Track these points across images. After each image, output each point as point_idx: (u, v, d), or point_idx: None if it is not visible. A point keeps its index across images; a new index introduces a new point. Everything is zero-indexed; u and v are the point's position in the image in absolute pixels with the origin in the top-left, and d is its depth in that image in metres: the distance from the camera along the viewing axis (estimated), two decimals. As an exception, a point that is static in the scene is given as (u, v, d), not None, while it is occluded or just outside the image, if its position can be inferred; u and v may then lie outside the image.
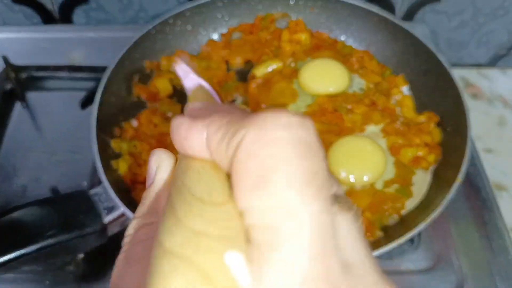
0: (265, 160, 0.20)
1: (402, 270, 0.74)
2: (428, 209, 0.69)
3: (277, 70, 0.92)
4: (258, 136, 0.20)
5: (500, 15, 1.07)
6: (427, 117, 0.84)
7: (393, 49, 0.93)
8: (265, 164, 0.20)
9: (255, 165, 0.20)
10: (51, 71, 0.96)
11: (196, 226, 0.20)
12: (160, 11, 1.08)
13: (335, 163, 0.78)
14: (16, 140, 0.88)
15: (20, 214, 0.70)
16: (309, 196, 0.20)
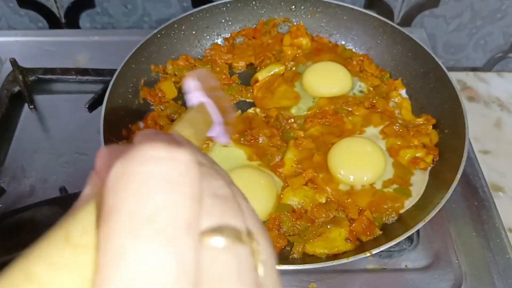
0: (116, 194, 0.20)
1: (401, 268, 0.75)
2: (427, 209, 0.71)
3: (279, 73, 0.94)
4: (120, 169, 0.20)
5: (497, 18, 1.09)
6: (425, 119, 0.86)
7: (392, 53, 0.95)
8: (115, 199, 0.19)
9: (109, 198, 0.20)
10: (58, 74, 0.97)
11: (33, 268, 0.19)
12: (164, 16, 1.10)
13: (335, 164, 0.79)
14: (24, 142, 0.90)
15: (30, 213, 0.72)
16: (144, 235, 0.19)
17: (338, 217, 0.75)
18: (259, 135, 0.83)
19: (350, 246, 0.73)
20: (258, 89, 0.91)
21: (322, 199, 0.77)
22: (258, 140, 0.83)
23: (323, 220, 0.75)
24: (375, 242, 0.72)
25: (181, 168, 0.20)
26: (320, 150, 0.82)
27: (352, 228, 0.74)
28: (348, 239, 0.73)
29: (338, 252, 0.72)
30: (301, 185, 0.78)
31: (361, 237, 0.74)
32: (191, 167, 0.21)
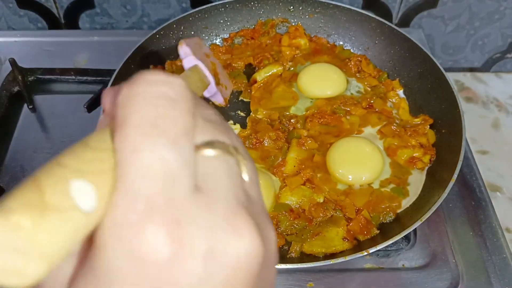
0: (126, 109, 0.23)
1: (399, 267, 0.75)
2: (423, 208, 0.71)
3: (277, 74, 0.94)
4: (125, 91, 0.24)
5: (495, 19, 1.09)
6: (422, 119, 0.87)
7: (389, 53, 0.96)
8: (125, 112, 0.23)
9: (120, 113, 0.23)
10: (57, 74, 0.97)
11: (63, 160, 0.22)
12: (163, 16, 1.10)
13: (334, 164, 0.80)
14: (23, 142, 0.90)
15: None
16: (153, 136, 0.22)
17: (336, 217, 0.75)
18: (264, 138, 0.83)
19: (347, 246, 0.73)
20: (256, 89, 0.91)
21: (320, 198, 0.77)
22: (263, 143, 0.83)
23: (320, 220, 0.75)
24: (372, 241, 0.73)
25: (178, 89, 0.24)
26: (318, 150, 0.82)
27: (350, 227, 0.74)
28: (345, 239, 0.73)
29: (336, 251, 0.72)
30: (299, 184, 0.78)
31: (358, 237, 0.74)
32: (186, 89, 0.25)
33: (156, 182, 0.22)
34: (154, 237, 0.21)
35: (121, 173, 0.22)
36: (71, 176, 0.22)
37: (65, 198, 0.21)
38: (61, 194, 0.21)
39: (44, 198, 0.21)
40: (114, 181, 0.23)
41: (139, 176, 0.22)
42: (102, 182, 0.23)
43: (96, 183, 0.22)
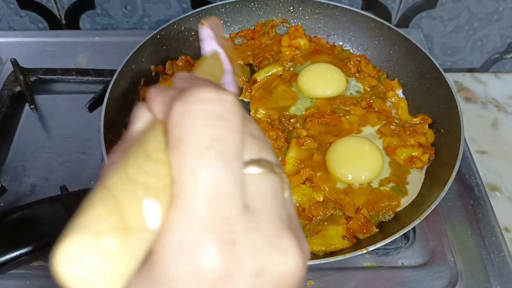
0: (181, 128, 0.24)
1: (398, 266, 0.76)
2: (422, 207, 0.72)
3: (277, 74, 0.95)
4: (180, 108, 0.25)
5: (494, 20, 1.10)
6: (421, 118, 0.87)
7: (389, 54, 0.96)
8: (180, 132, 0.24)
9: (175, 131, 0.24)
10: (59, 74, 0.98)
11: (133, 174, 0.24)
12: (164, 17, 1.11)
13: (334, 163, 0.80)
14: (25, 141, 0.90)
15: (31, 211, 0.73)
16: (208, 157, 0.24)
17: (335, 215, 0.76)
18: None
19: (347, 244, 0.73)
20: (256, 89, 0.92)
21: (320, 197, 0.77)
22: None
23: (320, 218, 0.75)
24: (371, 239, 0.73)
25: (229, 107, 0.25)
26: (318, 149, 0.83)
27: (349, 226, 0.75)
28: (345, 237, 0.74)
29: (335, 249, 0.73)
30: (299, 183, 0.78)
31: (358, 235, 0.75)
32: (237, 106, 0.26)
33: (212, 203, 0.23)
34: (211, 255, 0.23)
35: (179, 192, 0.24)
36: (142, 194, 0.24)
37: (140, 218, 0.23)
38: (138, 215, 0.23)
39: (124, 219, 0.22)
40: (171, 197, 0.24)
41: (196, 196, 0.23)
42: (164, 199, 0.24)
43: (161, 201, 0.24)
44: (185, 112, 0.25)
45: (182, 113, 0.25)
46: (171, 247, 0.23)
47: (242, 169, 0.25)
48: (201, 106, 0.25)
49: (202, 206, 0.23)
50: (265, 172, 0.27)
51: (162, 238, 0.24)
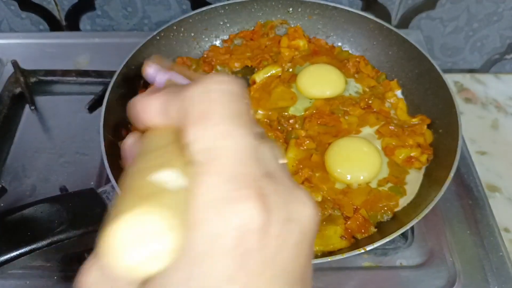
0: (205, 103, 0.27)
1: (396, 265, 0.76)
2: (420, 207, 0.72)
3: (276, 75, 0.95)
4: (199, 89, 0.27)
5: (494, 21, 1.10)
6: (420, 119, 0.87)
7: (388, 54, 0.96)
8: (205, 106, 0.27)
9: (197, 107, 0.27)
10: (59, 76, 0.98)
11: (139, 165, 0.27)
12: (164, 18, 1.11)
13: (332, 163, 0.81)
14: (25, 142, 0.91)
15: (31, 211, 0.73)
16: (237, 125, 0.26)
17: (334, 215, 0.76)
18: None
19: (345, 244, 0.74)
20: (255, 90, 0.92)
21: (318, 197, 0.78)
22: None
23: (318, 218, 0.75)
24: (370, 239, 0.73)
25: (241, 87, 0.28)
26: (317, 150, 0.83)
27: (347, 225, 0.75)
28: (343, 237, 0.74)
29: (334, 249, 0.73)
30: (298, 184, 0.78)
31: (356, 235, 0.75)
32: (243, 87, 0.29)
33: (245, 164, 0.26)
34: (250, 207, 0.25)
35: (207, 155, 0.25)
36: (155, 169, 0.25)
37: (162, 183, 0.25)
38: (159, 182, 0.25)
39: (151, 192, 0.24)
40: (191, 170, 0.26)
41: (226, 158, 0.25)
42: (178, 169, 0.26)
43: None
44: (205, 91, 0.27)
45: (202, 91, 0.27)
46: (211, 206, 0.25)
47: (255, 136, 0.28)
48: (219, 86, 0.27)
49: (234, 167, 0.25)
50: (265, 142, 0.29)
51: (198, 201, 0.25)
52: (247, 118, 0.27)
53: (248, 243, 0.25)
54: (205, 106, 0.27)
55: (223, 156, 0.25)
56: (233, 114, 0.27)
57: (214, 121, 0.26)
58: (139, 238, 0.22)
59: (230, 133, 0.26)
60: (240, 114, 0.27)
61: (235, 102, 0.27)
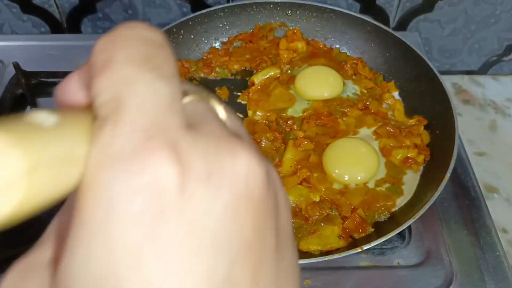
0: (109, 50, 0.22)
1: (393, 265, 0.77)
2: (417, 207, 0.73)
3: (275, 76, 0.96)
4: (105, 37, 0.22)
5: (491, 23, 1.11)
6: (417, 120, 0.88)
7: (385, 56, 0.97)
8: (109, 52, 0.22)
9: (100, 56, 0.22)
10: (60, 78, 0.98)
11: None
12: (164, 21, 1.12)
13: (330, 164, 0.81)
14: (27, 143, 0.91)
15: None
16: (146, 69, 0.21)
17: (332, 215, 0.77)
18: (262, 139, 0.85)
19: (343, 243, 0.74)
20: (254, 92, 0.93)
21: (316, 197, 0.78)
22: (261, 144, 0.85)
23: (316, 218, 0.76)
24: (367, 239, 0.74)
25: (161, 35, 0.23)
26: (315, 151, 0.84)
27: (345, 225, 0.75)
28: (341, 237, 0.75)
29: (331, 249, 0.74)
30: (296, 184, 0.79)
31: (353, 235, 0.75)
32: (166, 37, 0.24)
33: (153, 113, 0.20)
34: (159, 161, 0.19)
35: (111, 107, 0.20)
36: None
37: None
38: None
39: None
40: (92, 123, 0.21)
41: (134, 107, 0.20)
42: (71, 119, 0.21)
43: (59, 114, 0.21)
44: (110, 37, 0.22)
45: (109, 38, 0.22)
46: (110, 162, 0.19)
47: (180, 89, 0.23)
48: (131, 31, 0.23)
49: (142, 116, 0.20)
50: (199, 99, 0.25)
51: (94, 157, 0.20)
52: (162, 64, 0.22)
53: (158, 206, 0.19)
54: (109, 52, 0.22)
55: (127, 105, 0.20)
56: (142, 58, 0.22)
57: (117, 67, 0.21)
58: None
59: (135, 77, 0.21)
60: (150, 59, 0.22)
61: (146, 47, 0.22)
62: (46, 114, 0.20)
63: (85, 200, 0.19)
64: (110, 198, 0.19)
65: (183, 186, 0.20)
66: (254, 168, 0.22)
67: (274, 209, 0.24)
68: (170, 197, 0.19)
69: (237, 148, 0.22)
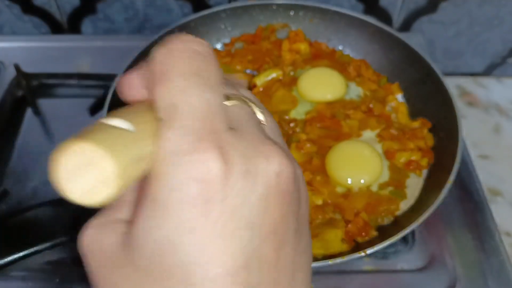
0: (165, 62, 0.27)
1: (397, 269, 0.76)
2: (421, 210, 0.72)
3: (277, 78, 0.95)
4: (162, 49, 0.27)
5: (495, 24, 1.10)
6: (420, 123, 0.87)
7: (389, 58, 0.96)
8: (165, 65, 0.27)
9: (159, 67, 0.27)
10: (61, 79, 0.98)
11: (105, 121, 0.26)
12: (165, 22, 1.11)
13: (333, 167, 0.81)
14: (28, 145, 0.91)
15: (33, 214, 0.73)
16: (197, 82, 0.27)
17: (334, 219, 0.76)
18: None
19: (346, 247, 0.74)
20: (256, 93, 0.92)
21: (319, 201, 0.78)
22: None
23: (319, 222, 0.76)
24: (370, 243, 0.73)
25: (207, 47, 0.28)
26: (317, 153, 0.83)
27: (348, 229, 0.75)
28: (344, 240, 0.74)
29: (334, 253, 0.73)
30: (299, 187, 0.78)
31: (357, 238, 0.75)
32: (211, 48, 0.29)
33: (203, 118, 0.26)
34: (208, 158, 0.25)
35: (169, 110, 0.26)
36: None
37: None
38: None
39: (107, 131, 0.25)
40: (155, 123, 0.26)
41: (188, 113, 0.25)
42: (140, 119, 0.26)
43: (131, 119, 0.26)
44: (167, 50, 0.27)
45: (165, 51, 0.27)
46: (170, 159, 0.25)
47: (223, 97, 0.28)
48: (182, 45, 0.28)
49: (195, 122, 0.25)
50: (236, 103, 0.30)
51: (157, 154, 0.25)
52: (209, 75, 0.27)
53: (208, 193, 0.25)
54: (165, 64, 0.27)
55: (182, 111, 0.26)
56: (194, 71, 0.27)
57: (173, 78, 0.26)
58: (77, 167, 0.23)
59: (187, 89, 0.26)
60: (201, 72, 0.27)
61: (198, 59, 0.27)
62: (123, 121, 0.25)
63: (156, 185, 0.25)
64: (172, 184, 0.25)
65: (226, 180, 0.25)
66: (283, 167, 0.28)
67: (297, 201, 0.29)
68: (216, 187, 0.25)
69: (271, 151, 0.28)
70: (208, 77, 0.27)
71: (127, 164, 0.24)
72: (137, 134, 0.25)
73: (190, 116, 0.26)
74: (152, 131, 0.26)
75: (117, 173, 0.23)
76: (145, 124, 0.26)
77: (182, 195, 0.25)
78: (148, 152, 0.25)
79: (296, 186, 0.29)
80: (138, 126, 0.26)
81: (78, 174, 0.23)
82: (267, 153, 0.28)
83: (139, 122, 0.26)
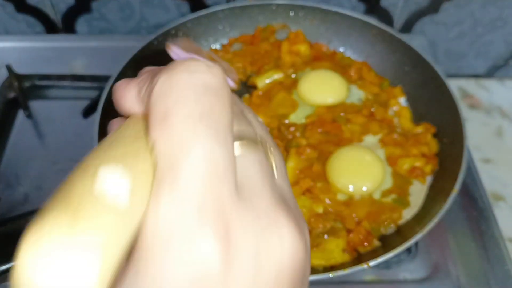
0: (168, 100, 0.23)
1: (399, 279, 0.74)
2: (425, 219, 0.70)
3: (278, 80, 0.93)
4: (167, 80, 0.23)
5: (498, 26, 1.08)
6: (424, 128, 0.85)
7: (391, 61, 0.94)
8: (167, 103, 0.23)
9: (159, 105, 0.23)
10: (54, 80, 0.96)
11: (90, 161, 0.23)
12: (161, 21, 1.09)
13: (334, 173, 0.79)
14: (19, 149, 0.89)
15: (24, 222, 0.71)
16: (201, 128, 0.22)
17: (336, 228, 0.74)
18: None
19: (347, 258, 0.72)
20: (256, 97, 0.90)
21: (320, 209, 0.76)
22: None
23: (320, 231, 0.74)
24: (373, 253, 0.72)
25: (219, 78, 0.24)
26: (318, 159, 0.81)
27: (350, 238, 0.73)
28: (345, 250, 0.72)
29: (335, 263, 0.71)
30: (299, 194, 0.77)
31: (358, 248, 0.73)
32: (225, 77, 0.25)
33: (207, 181, 0.21)
34: (207, 246, 0.21)
35: (167, 168, 0.21)
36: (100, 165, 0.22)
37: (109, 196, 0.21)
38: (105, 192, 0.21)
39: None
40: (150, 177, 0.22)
41: (189, 173, 0.21)
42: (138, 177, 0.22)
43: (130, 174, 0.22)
44: (171, 82, 0.23)
45: (169, 84, 0.23)
46: (161, 241, 0.21)
47: (233, 144, 0.24)
48: (189, 76, 0.23)
49: (196, 185, 0.21)
50: (249, 145, 0.26)
51: (147, 231, 0.21)
52: (220, 117, 0.23)
53: (202, 281, 0.20)
54: (167, 102, 0.23)
55: (181, 169, 0.21)
56: (201, 113, 0.22)
57: (175, 124, 0.22)
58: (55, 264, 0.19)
59: (191, 138, 0.22)
60: (211, 114, 0.23)
61: (206, 98, 0.23)
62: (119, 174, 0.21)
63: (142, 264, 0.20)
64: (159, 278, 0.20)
65: (227, 264, 0.21)
66: (297, 246, 0.24)
67: (306, 271, 0.26)
68: (213, 274, 0.21)
69: (285, 229, 0.23)
70: (218, 120, 0.23)
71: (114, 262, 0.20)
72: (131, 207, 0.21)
73: (192, 181, 0.21)
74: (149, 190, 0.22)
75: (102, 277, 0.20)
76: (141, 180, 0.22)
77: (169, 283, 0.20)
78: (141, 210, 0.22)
79: (308, 263, 0.25)
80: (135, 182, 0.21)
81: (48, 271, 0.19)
82: (279, 225, 0.23)
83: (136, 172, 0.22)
